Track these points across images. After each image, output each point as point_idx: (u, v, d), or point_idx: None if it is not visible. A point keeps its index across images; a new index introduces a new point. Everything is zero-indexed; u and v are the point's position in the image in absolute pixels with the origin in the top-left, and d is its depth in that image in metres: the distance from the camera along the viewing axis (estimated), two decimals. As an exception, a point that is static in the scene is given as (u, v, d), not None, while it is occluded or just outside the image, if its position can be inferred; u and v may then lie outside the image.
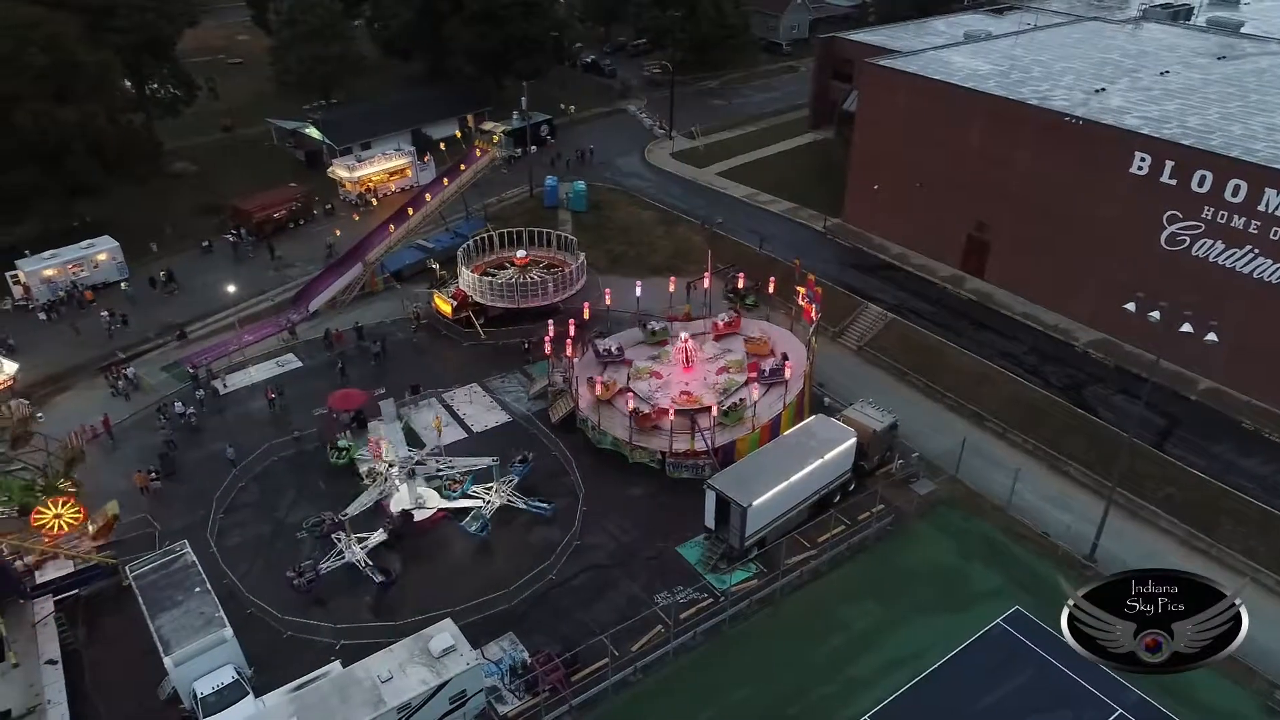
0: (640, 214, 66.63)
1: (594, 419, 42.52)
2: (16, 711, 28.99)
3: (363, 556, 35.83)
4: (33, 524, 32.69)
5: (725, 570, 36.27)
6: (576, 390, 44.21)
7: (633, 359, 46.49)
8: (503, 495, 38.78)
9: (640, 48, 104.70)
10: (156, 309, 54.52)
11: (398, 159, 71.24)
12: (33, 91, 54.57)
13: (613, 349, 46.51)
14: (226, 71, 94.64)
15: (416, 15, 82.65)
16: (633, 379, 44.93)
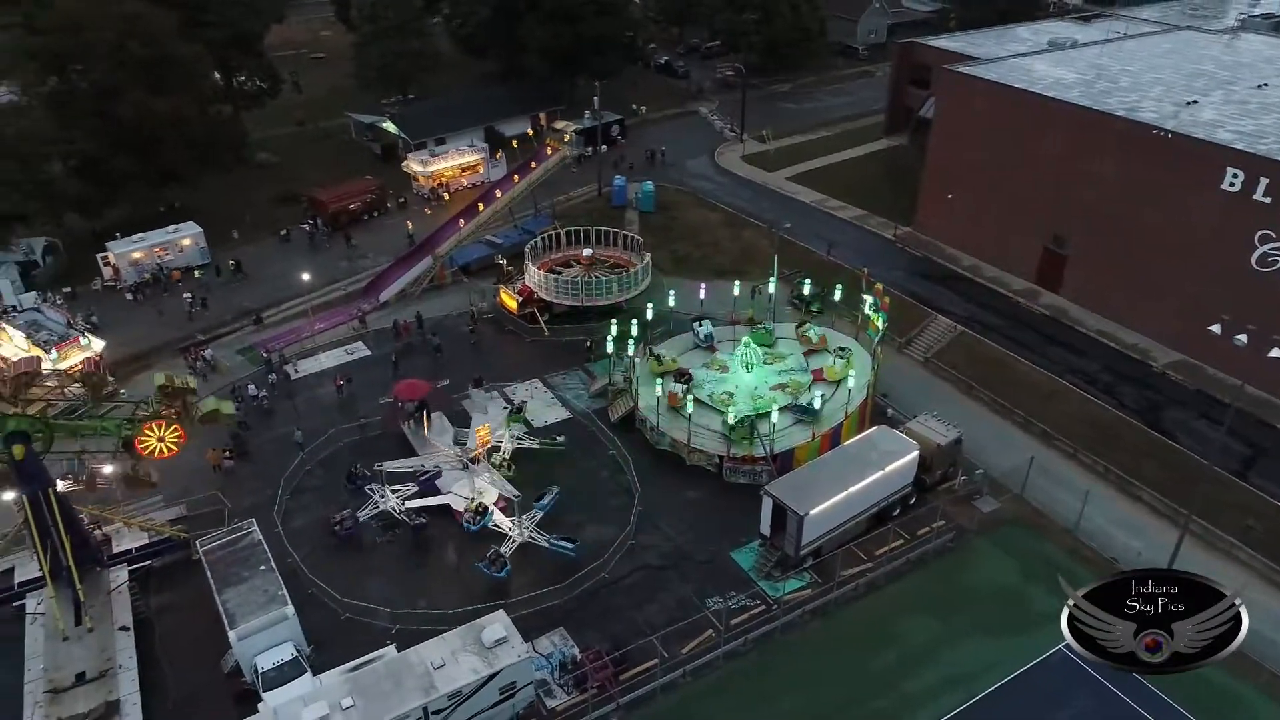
0: (707, 216, 66.46)
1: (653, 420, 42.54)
2: (90, 674, 30.21)
3: (396, 504, 37.33)
4: (138, 450, 33.21)
5: (779, 578, 35.93)
6: (636, 391, 44.26)
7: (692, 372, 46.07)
8: (525, 532, 36.82)
9: (714, 49, 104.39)
10: (234, 294, 56.37)
11: (470, 155, 72.37)
12: (132, 83, 57.02)
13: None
14: (309, 66, 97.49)
15: (493, 13, 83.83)
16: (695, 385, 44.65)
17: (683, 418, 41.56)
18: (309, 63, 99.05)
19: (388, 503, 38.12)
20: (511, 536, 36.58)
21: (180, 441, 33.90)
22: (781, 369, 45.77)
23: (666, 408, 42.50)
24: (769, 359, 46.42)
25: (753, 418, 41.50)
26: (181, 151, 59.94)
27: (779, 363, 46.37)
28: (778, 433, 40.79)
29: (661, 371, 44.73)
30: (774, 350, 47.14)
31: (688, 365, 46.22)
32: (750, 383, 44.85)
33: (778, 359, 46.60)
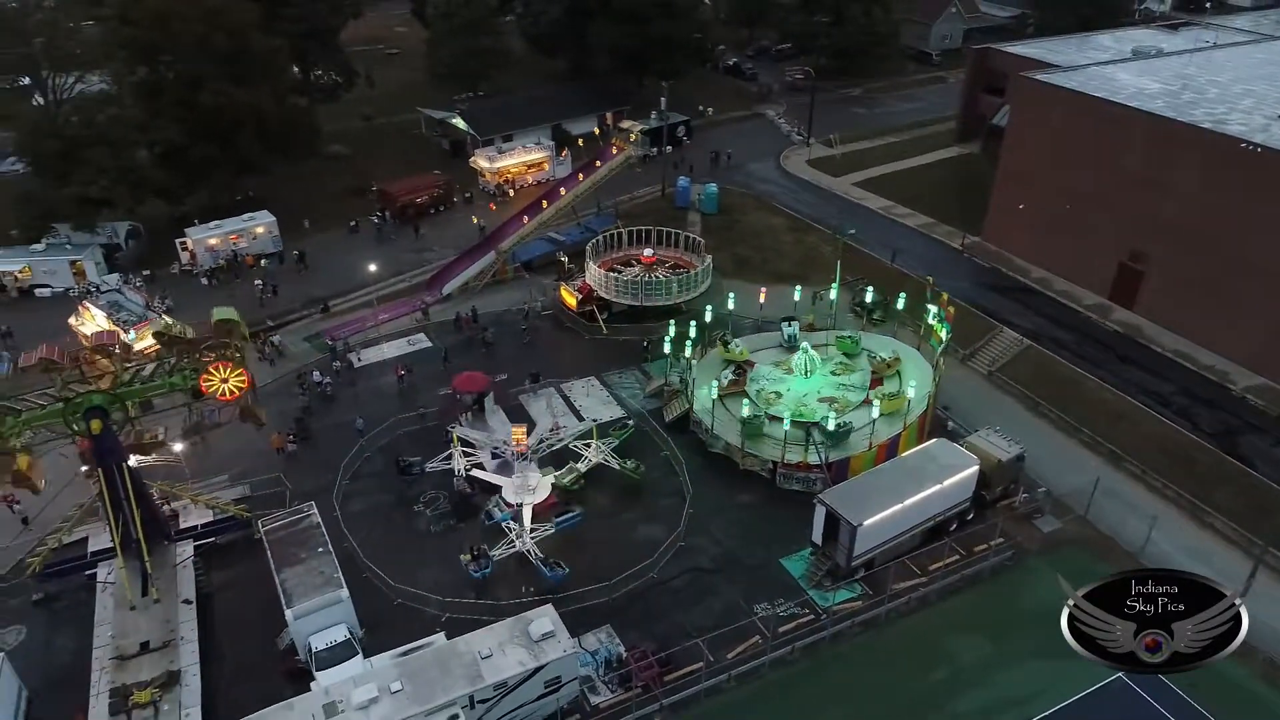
0: (770, 220, 66.00)
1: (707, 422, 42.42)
2: (154, 644, 31.29)
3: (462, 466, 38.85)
4: (203, 390, 33.13)
5: (829, 588, 35.49)
6: (693, 391, 44.16)
7: (756, 362, 46.18)
8: (525, 542, 36.66)
9: (783, 52, 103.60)
10: (303, 283, 57.82)
11: (536, 152, 73.06)
12: (214, 73, 58.97)
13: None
14: (383, 61, 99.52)
15: (564, 13, 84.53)
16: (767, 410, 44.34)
17: (737, 421, 41.32)
18: (383, 58, 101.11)
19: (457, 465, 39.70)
20: (512, 540, 36.74)
21: (244, 386, 33.64)
22: (842, 383, 44.89)
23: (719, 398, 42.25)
24: (838, 370, 45.66)
25: (809, 425, 41.09)
26: (258, 141, 61.75)
27: (846, 374, 45.45)
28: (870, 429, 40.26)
29: (727, 359, 45.01)
30: (849, 363, 46.19)
31: (758, 362, 46.13)
32: (804, 388, 44.41)
33: (847, 370, 45.74)
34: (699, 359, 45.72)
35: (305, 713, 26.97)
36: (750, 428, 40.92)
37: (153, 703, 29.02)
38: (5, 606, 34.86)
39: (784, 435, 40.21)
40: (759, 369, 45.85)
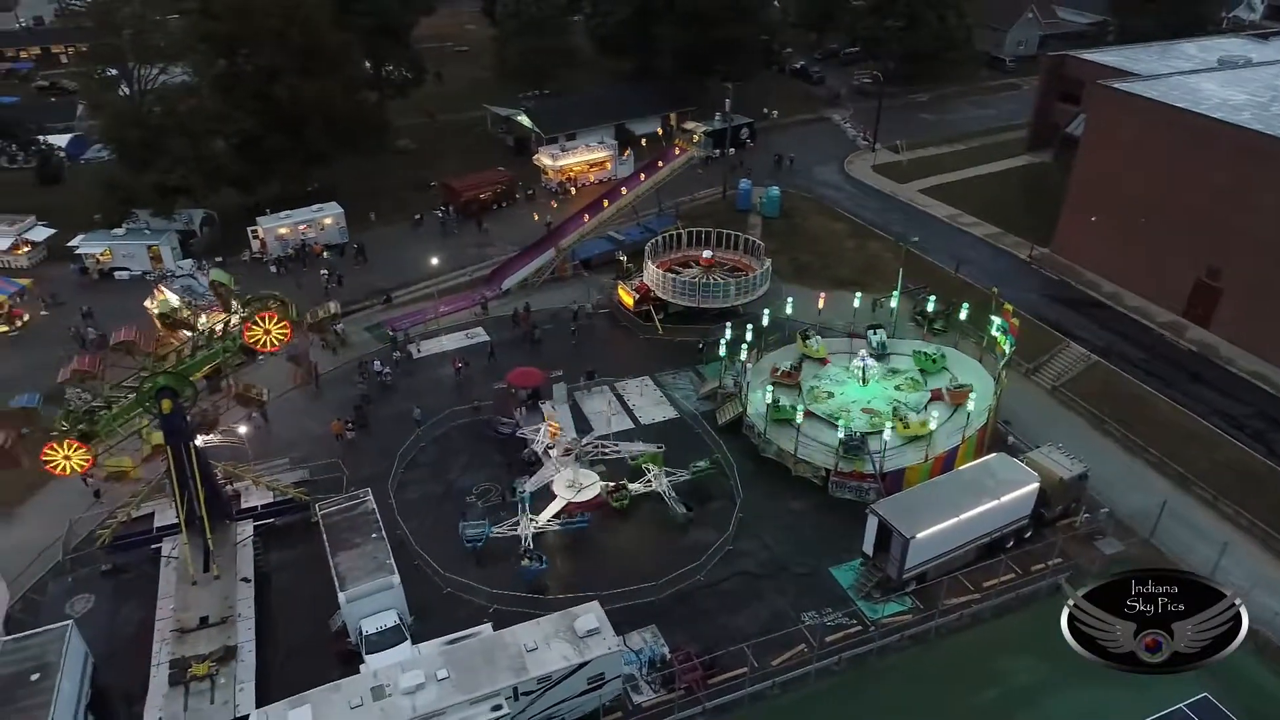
0: (832, 225, 65.28)
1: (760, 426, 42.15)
2: (213, 619, 32.25)
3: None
4: (246, 339, 33.60)
5: (879, 600, 34.95)
6: (746, 396, 43.89)
7: (830, 361, 45.90)
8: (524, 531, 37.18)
9: (852, 56, 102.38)
10: (366, 273, 58.99)
11: (599, 151, 73.41)
12: (288, 66, 60.57)
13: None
14: (452, 58, 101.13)
15: (631, 13, 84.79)
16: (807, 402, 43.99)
17: (792, 426, 40.97)
18: (452, 55, 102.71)
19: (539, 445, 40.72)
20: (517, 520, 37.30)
21: (287, 336, 34.30)
22: (896, 399, 43.68)
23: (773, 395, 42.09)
24: (904, 385, 44.58)
25: (863, 433, 40.55)
26: (327, 134, 63.23)
27: (909, 391, 44.22)
28: (889, 451, 39.68)
29: (805, 353, 45.55)
30: (919, 380, 44.94)
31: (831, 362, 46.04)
32: (857, 396, 43.83)
33: (913, 387, 44.50)
34: (754, 363, 45.42)
35: (354, 694, 27.48)
36: (780, 413, 41.37)
37: (210, 676, 29.91)
38: (76, 575, 36.27)
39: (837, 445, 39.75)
40: (826, 368, 45.39)
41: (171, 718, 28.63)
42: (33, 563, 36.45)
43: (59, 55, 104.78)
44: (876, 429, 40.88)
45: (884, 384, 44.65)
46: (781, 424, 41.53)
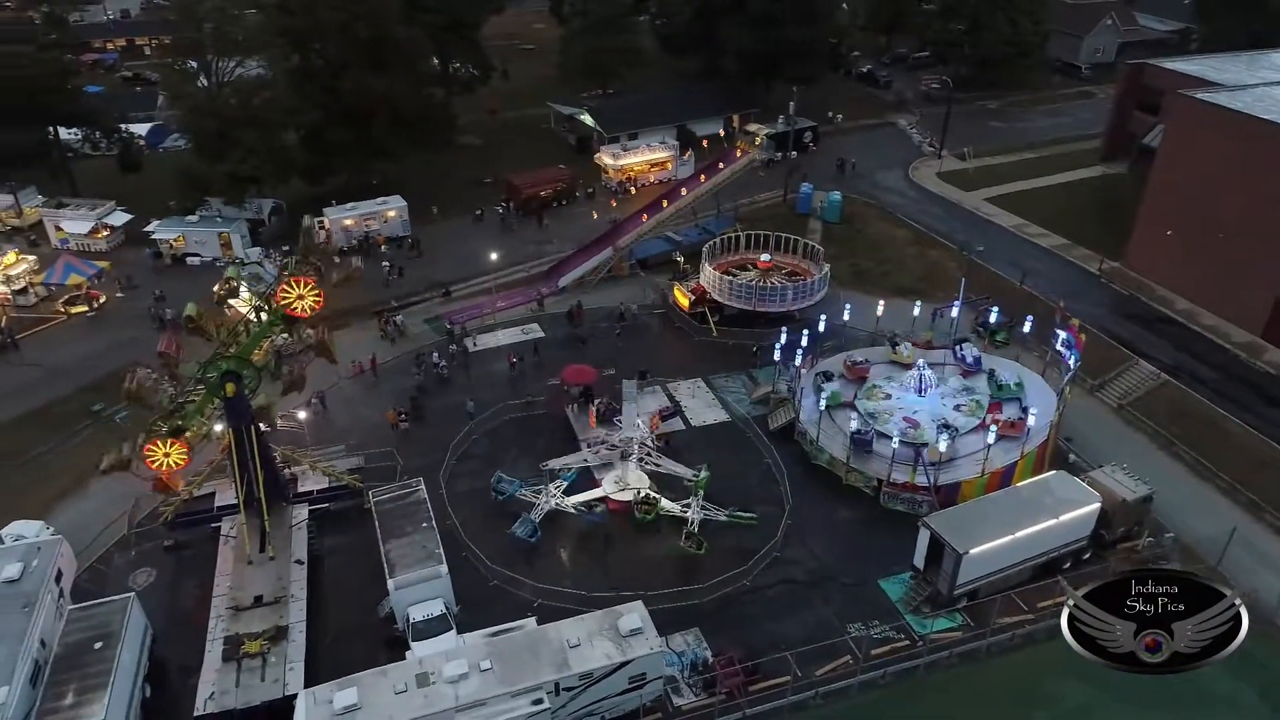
0: (893, 231, 64.28)
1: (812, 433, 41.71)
2: (266, 598, 33.07)
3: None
4: (278, 301, 33.84)
5: (928, 615, 34.26)
6: (800, 400, 43.46)
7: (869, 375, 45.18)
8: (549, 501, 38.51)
9: (920, 60, 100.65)
10: (427, 266, 59.89)
11: (660, 151, 73.40)
12: (355, 61, 61.82)
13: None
14: (519, 56, 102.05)
15: (697, 14, 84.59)
16: (860, 396, 43.54)
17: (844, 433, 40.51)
18: (519, 53, 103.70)
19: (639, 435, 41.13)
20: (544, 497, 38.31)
21: (320, 303, 34.26)
22: (948, 419, 42.19)
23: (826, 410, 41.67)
24: (967, 406, 43.06)
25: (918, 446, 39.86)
26: (393, 128, 64.34)
27: (969, 413, 42.55)
28: (944, 465, 38.91)
29: (893, 360, 45.23)
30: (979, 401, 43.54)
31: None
32: (913, 404, 43.12)
33: (973, 410, 42.88)
34: (808, 368, 44.94)
35: (399, 680, 27.91)
36: (833, 398, 42.46)
37: (261, 654, 30.68)
38: (139, 550, 37.53)
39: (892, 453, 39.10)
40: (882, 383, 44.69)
41: (224, 692, 29.43)
42: (100, 535, 37.85)
43: (143, 47, 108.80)
44: (915, 441, 40.15)
45: (942, 398, 43.65)
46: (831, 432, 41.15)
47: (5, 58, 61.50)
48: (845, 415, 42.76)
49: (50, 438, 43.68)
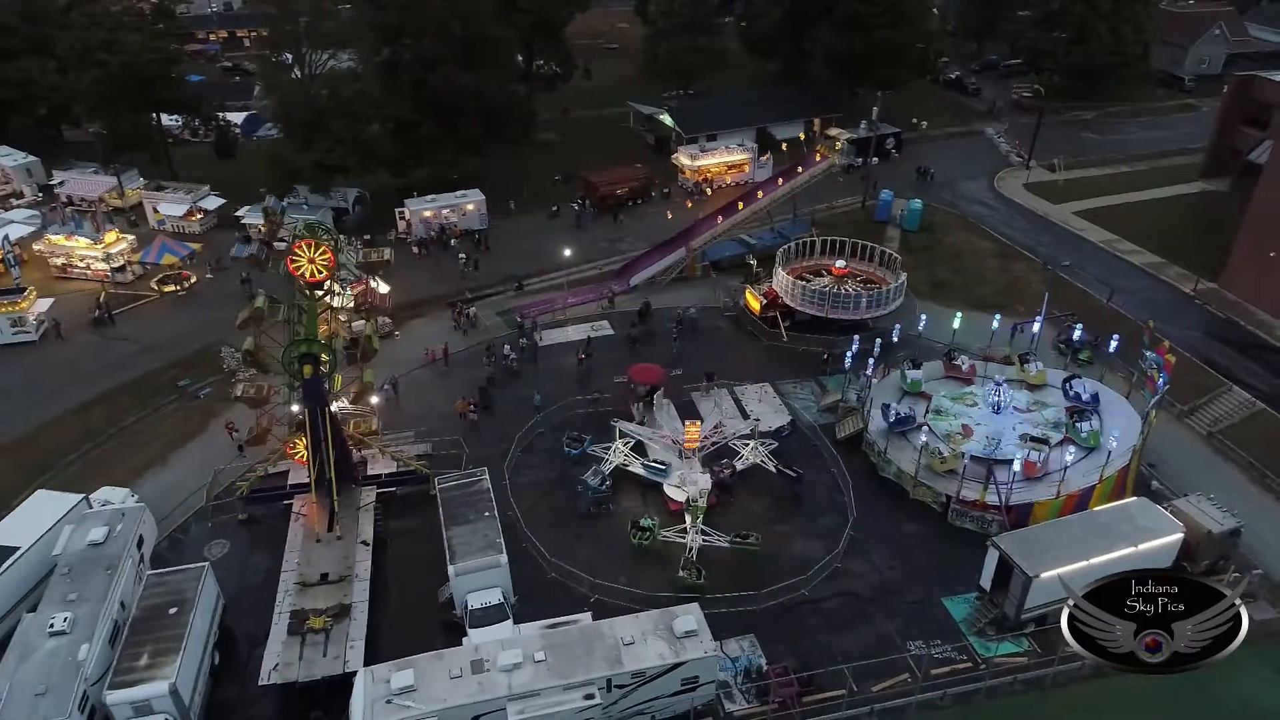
0: (975, 242, 62.61)
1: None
2: (332, 576, 33.91)
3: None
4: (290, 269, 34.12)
5: (992, 638, 33.20)
6: (868, 411, 42.62)
7: (931, 393, 43.93)
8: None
9: (1013, 68, 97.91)
10: (500, 259, 60.63)
11: (738, 154, 72.99)
12: (447, 57, 63.03)
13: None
14: (602, 55, 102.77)
15: (784, 16, 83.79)
16: (930, 415, 42.42)
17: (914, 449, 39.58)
18: (602, 52, 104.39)
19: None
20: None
21: (330, 265, 34.51)
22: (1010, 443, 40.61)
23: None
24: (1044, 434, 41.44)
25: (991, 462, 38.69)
26: (478, 124, 65.40)
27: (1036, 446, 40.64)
28: (1016, 485, 37.67)
29: (1021, 379, 44.06)
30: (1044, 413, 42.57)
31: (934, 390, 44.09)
32: (985, 420, 41.92)
33: (1047, 428, 41.66)
34: (880, 378, 44.06)
35: (454, 665, 28.27)
36: (912, 386, 43.11)
37: (325, 630, 31.45)
38: (215, 522, 38.94)
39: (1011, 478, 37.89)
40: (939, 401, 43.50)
41: (287, 664, 30.27)
42: (179, 505, 39.36)
43: (243, 39, 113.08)
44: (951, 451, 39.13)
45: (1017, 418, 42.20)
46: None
47: (117, 45, 64.51)
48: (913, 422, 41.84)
49: (139, 409, 45.71)
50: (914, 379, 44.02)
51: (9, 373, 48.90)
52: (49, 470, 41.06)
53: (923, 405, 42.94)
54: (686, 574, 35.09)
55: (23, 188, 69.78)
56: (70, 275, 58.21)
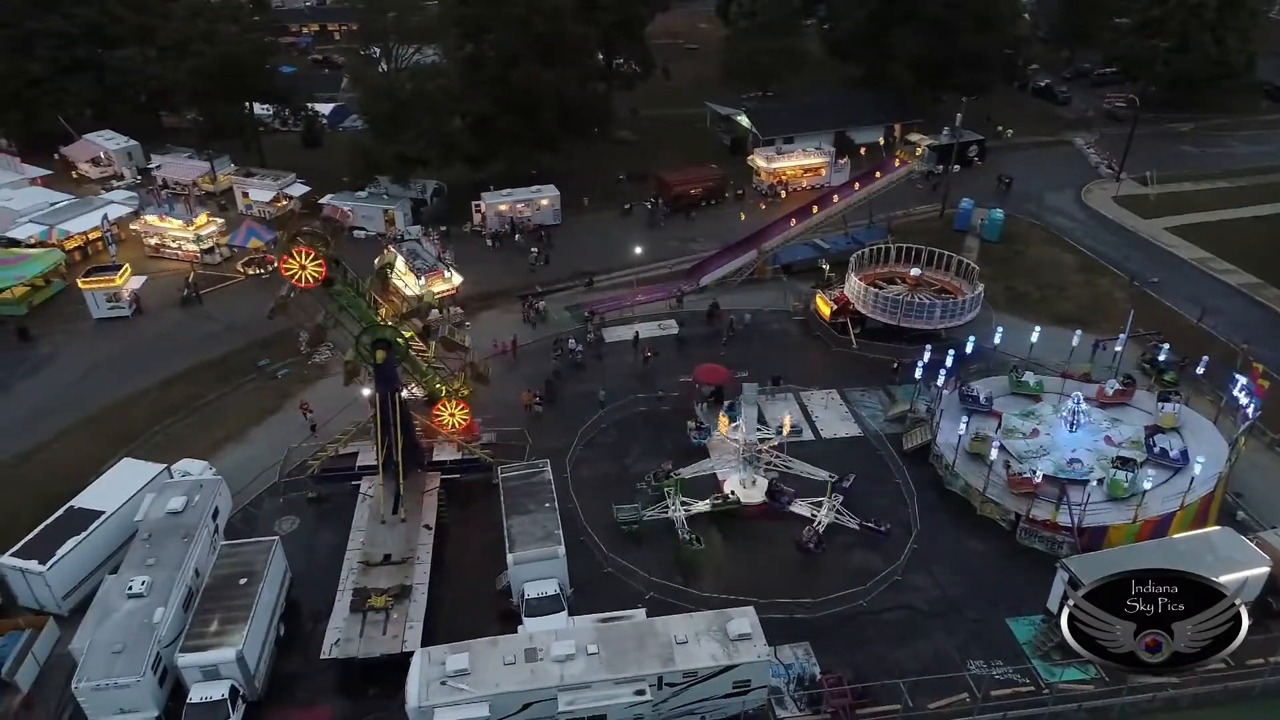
0: (1058, 255, 60.69)
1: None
2: (395, 557, 34.65)
3: (682, 518, 37.59)
4: (283, 273, 34.28)
5: (1057, 662, 32.05)
6: (938, 424, 41.65)
7: (1001, 410, 42.67)
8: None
9: (1106, 77, 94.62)
10: (573, 256, 61.11)
11: (815, 157, 72.18)
12: (527, 53, 63.86)
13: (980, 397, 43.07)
14: (681, 55, 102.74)
15: (867, 19, 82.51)
16: (1003, 434, 41.11)
17: (984, 463, 38.53)
18: (681, 52, 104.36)
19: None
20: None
21: (321, 274, 33.90)
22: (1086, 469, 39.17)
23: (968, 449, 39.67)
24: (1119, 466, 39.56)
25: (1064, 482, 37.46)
26: (556, 120, 66.05)
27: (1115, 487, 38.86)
28: (1091, 506, 36.36)
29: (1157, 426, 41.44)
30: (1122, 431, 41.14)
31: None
32: (1059, 437, 40.55)
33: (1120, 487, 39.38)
34: (950, 390, 43.03)
35: (508, 652, 28.61)
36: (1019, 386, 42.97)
37: (385, 609, 32.16)
38: (286, 498, 40.18)
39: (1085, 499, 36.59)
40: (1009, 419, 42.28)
41: (348, 640, 31.05)
42: (254, 480, 40.77)
43: (334, 32, 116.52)
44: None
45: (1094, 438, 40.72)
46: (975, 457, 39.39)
47: (215, 36, 67.12)
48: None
49: (220, 386, 47.51)
50: (1019, 380, 43.62)
51: (103, 346, 51.42)
52: (134, 440, 43.00)
53: (993, 423, 41.75)
54: (687, 542, 36.71)
55: (123, 170, 73.30)
56: (162, 255, 60.85)
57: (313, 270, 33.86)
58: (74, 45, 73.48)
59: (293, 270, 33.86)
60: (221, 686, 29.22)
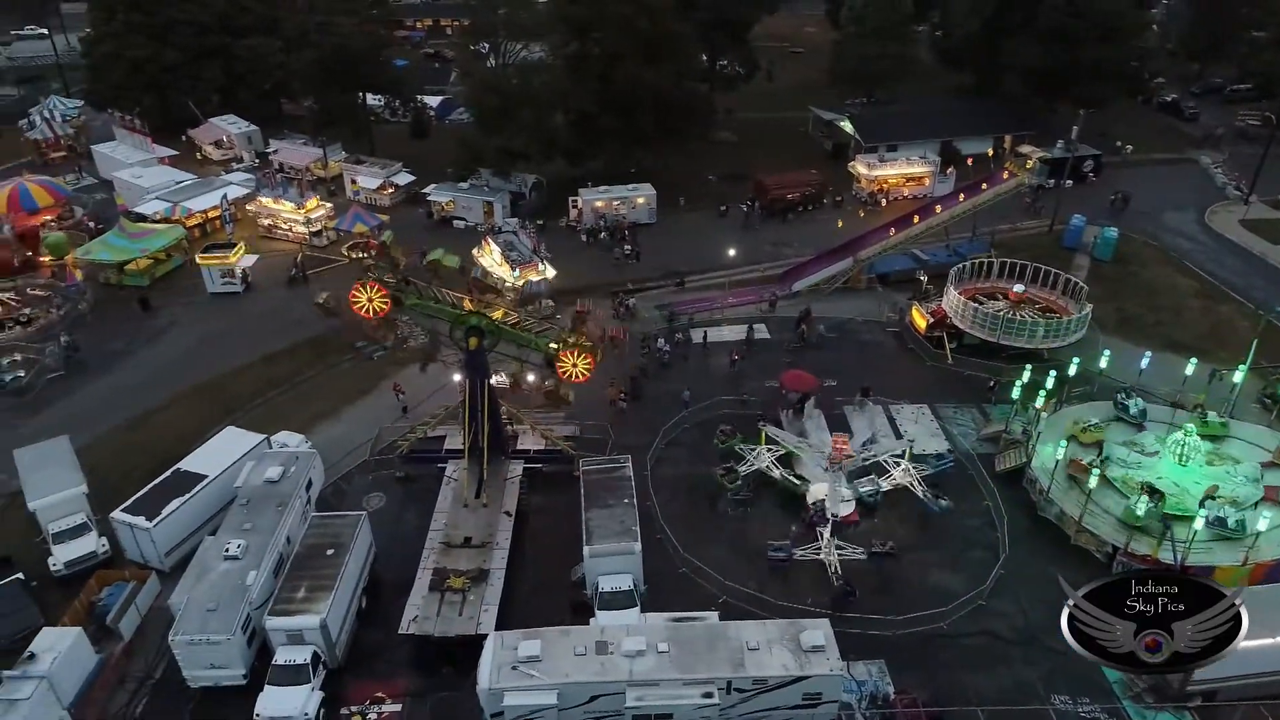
0: (1175, 279, 57.60)
1: (1044, 482, 38.30)
2: (475, 541, 35.36)
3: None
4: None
5: (1150, 706, 30.45)
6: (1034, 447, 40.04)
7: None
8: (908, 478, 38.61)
9: (1239, 93, 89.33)
10: (666, 255, 61.14)
11: (919, 166, 70.42)
12: (630, 52, 64.25)
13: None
14: (786, 58, 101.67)
15: (981, 26, 79.96)
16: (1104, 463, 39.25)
17: (1082, 491, 36.87)
18: (786, 55, 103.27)
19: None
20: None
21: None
22: (1227, 472, 38.25)
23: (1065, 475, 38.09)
24: (1214, 459, 39.10)
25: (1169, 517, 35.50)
26: (657, 120, 66.25)
27: (1224, 464, 38.84)
28: (1197, 544, 34.34)
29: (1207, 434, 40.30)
30: (1221, 451, 39.59)
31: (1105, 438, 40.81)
32: (1169, 471, 38.46)
33: (1224, 460, 39.06)
34: (1049, 413, 41.31)
35: (579, 643, 28.77)
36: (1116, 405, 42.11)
37: (463, 591, 32.84)
38: (375, 476, 41.45)
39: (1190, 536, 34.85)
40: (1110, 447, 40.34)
41: (425, 618, 31.84)
42: (345, 456, 42.19)
43: (446, 27, 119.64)
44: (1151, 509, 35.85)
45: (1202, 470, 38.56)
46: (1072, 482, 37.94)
47: (332, 27, 69.80)
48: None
49: (319, 364, 49.36)
50: (1127, 406, 41.92)
51: (215, 319, 54.12)
52: (238, 410, 45.08)
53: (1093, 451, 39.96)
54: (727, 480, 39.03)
55: (243, 153, 77.03)
56: (274, 236, 63.68)
57: (379, 302, 36.43)
58: (207, 34, 77.71)
59: (360, 303, 36.52)
60: (305, 651, 30.33)
